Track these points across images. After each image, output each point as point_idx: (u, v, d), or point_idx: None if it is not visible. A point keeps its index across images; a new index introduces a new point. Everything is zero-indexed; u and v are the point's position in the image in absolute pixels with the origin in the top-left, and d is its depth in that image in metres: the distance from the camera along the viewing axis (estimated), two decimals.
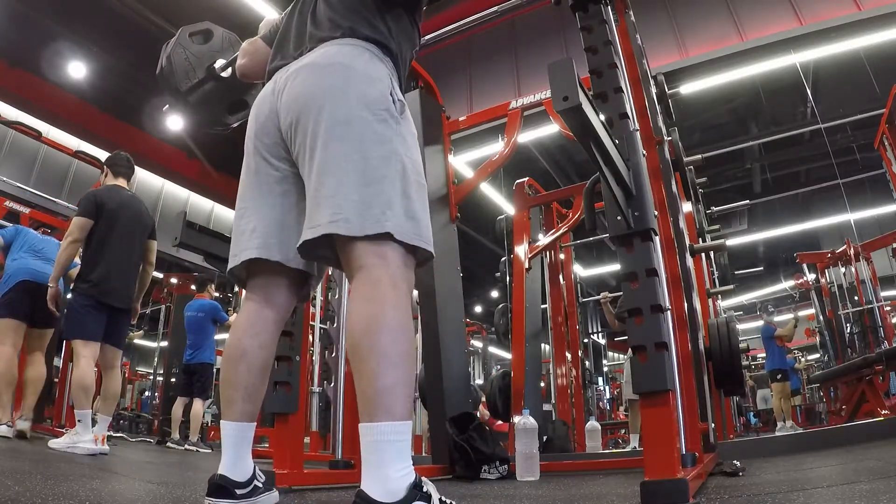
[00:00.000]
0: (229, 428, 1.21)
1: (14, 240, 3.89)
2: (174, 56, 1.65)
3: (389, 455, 0.97)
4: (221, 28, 1.79)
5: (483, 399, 6.06)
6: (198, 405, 5.49)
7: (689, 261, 2.98)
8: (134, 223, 3.42)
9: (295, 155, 1.22)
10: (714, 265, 5.65)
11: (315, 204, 1.12)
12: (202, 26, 1.74)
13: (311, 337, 5.66)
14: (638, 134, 1.74)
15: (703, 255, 4.22)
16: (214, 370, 6.19)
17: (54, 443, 2.93)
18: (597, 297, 6.97)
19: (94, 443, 2.91)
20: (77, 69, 7.82)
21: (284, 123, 1.22)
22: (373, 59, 1.24)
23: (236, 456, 1.19)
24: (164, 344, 9.26)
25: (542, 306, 5.14)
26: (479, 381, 8.05)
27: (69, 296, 3.51)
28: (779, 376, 7.42)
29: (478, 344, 12.33)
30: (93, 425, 3.06)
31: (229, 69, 1.71)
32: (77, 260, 3.49)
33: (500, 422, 5.40)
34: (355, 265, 1.09)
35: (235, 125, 1.83)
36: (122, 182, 3.54)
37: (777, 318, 8.12)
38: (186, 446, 5.17)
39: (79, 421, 2.97)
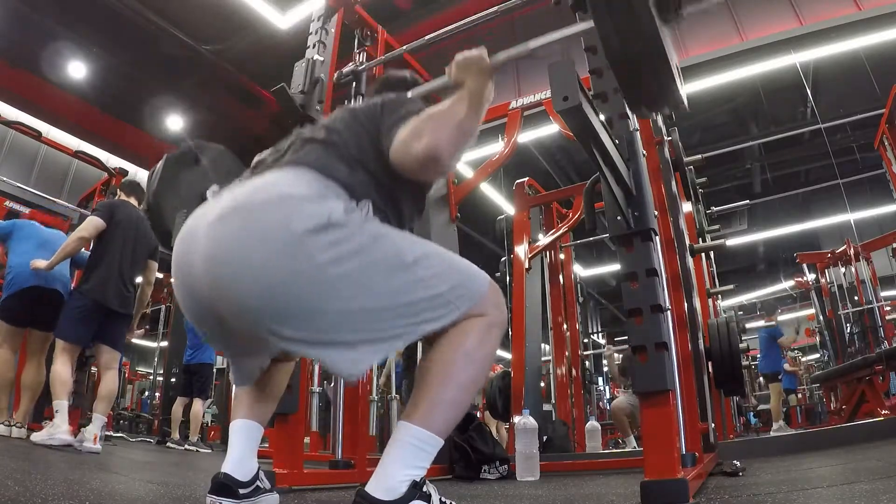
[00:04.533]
0: (238, 425, 1.22)
1: (11, 232, 3.75)
2: (161, 194, 1.48)
3: (408, 457, 0.98)
4: (208, 145, 1.59)
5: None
6: (197, 405, 5.48)
7: (689, 261, 2.98)
8: (138, 240, 3.50)
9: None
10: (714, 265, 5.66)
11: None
12: (188, 149, 1.54)
13: None
14: (638, 134, 1.74)
15: (703, 255, 4.22)
16: (214, 370, 6.19)
17: (35, 436, 3.02)
18: (602, 350, 7.01)
19: (69, 433, 2.97)
20: (77, 69, 7.81)
21: (214, 299, 0.99)
22: (318, 187, 1.02)
23: (242, 454, 1.19)
24: (164, 344, 9.26)
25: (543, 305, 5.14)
26: None
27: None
28: (780, 377, 7.45)
29: None
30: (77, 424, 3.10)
31: None
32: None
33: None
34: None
35: None
36: (133, 201, 3.65)
37: (780, 318, 8.13)
38: (186, 446, 5.17)
39: (56, 412, 3.05)
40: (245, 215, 0.97)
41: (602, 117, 1.53)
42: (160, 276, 9.12)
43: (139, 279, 3.68)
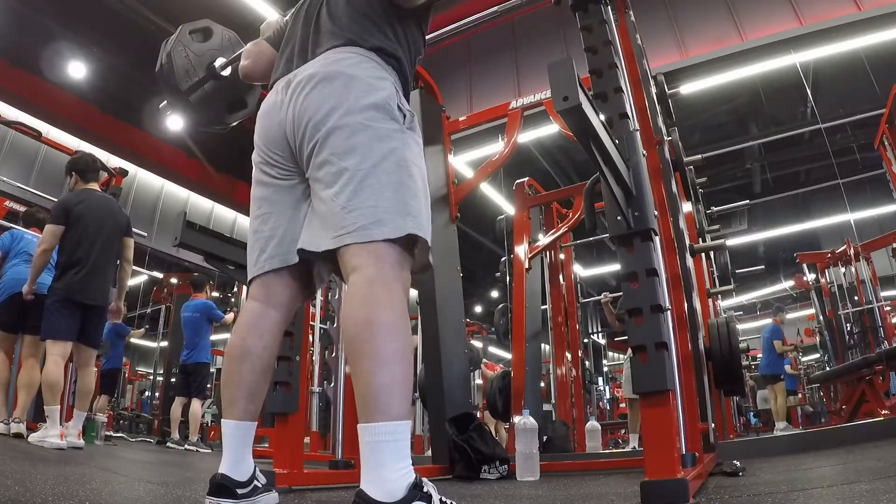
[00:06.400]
0: (231, 427, 1.21)
1: (10, 247, 3.93)
2: (174, 54, 1.63)
3: (388, 455, 0.97)
4: (221, 26, 1.78)
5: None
6: (196, 405, 5.49)
7: (689, 261, 2.98)
8: (106, 223, 3.51)
9: (304, 166, 1.23)
10: (714, 265, 5.65)
11: (329, 214, 1.14)
12: (202, 24, 1.73)
13: (311, 337, 5.66)
14: (638, 134, 1.74)
15: (703, 255, 4.21)
16: (213, 370, 6.20)
17: (32, 437, 3.07)
18: (597, 298, 6.97)
19: (59, 438, 3.02)
20: (77, 69, 7.81)
21: (292, 136, 1.23)
22: (376, 68, 1.24)
23: (238, 455, 1.19)
24: (164, 344, 9.26)
25: (543, 307, 5.13)
26: (479, 382, 8.02)
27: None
28: (782, 377, 7.46)
29: (478, 344, 12.35)
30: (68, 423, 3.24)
31: (229, 68, 1.71)
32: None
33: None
34: (349, 266, 1.10)
35: (234, 124, 1.82)
36: (92, 185, 3.67)
37: (787, 317, 8.11)
38: (186, 446, 5.17)
39: (47, 416, 3.10)
40: (326, 75, 1.22)
41: (602, 117, 1.53)
42: (159, 275, 9.19)
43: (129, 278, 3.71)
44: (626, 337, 1.59)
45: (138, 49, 7.39)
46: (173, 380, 7.29)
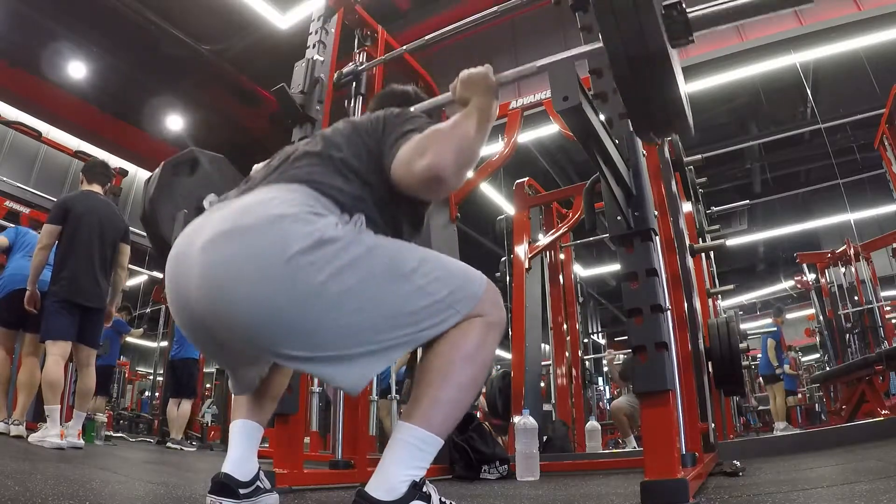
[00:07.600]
0: (239, 425, 1.22)
1: (14, 241, 3.95)
2: (157, 201, 1.42)
3: (409, 457, 0.98)
4: (207, 153, 1.54)
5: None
6: (185, 405, 5.47)
7: (689, 261, 2.98)
8: (104, 226, 3.52)
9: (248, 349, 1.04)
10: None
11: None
12: (186, 156, 1.50)
13: None
14: None
15: (703, 255, 4.22)
16: (214, 370, 6.18)
17: (32, 437, 3.08)
18: (602, 355, 7.02)
19: (59, 438, 3.03)
20: (77, 69, 7.81)
21: (207, 310, 0.97)
22: (311, 200, 1.02)
23: (242, 454, 1.20)
24: (164, 344, 9.25)
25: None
26: None
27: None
28: (781, 376, 7.46)
29: None
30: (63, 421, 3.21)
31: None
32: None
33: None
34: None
35: None
36: (96, 188, 3.68)
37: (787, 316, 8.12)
38: (168, 444, 5.16)
39: (47, 416, 3.10)
40: (237, 239, 0.95)
41: (602, 117, 1.53)
42: (160, 275, 9.16)
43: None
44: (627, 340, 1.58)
45: (138, 49, 7.40)
46: None
